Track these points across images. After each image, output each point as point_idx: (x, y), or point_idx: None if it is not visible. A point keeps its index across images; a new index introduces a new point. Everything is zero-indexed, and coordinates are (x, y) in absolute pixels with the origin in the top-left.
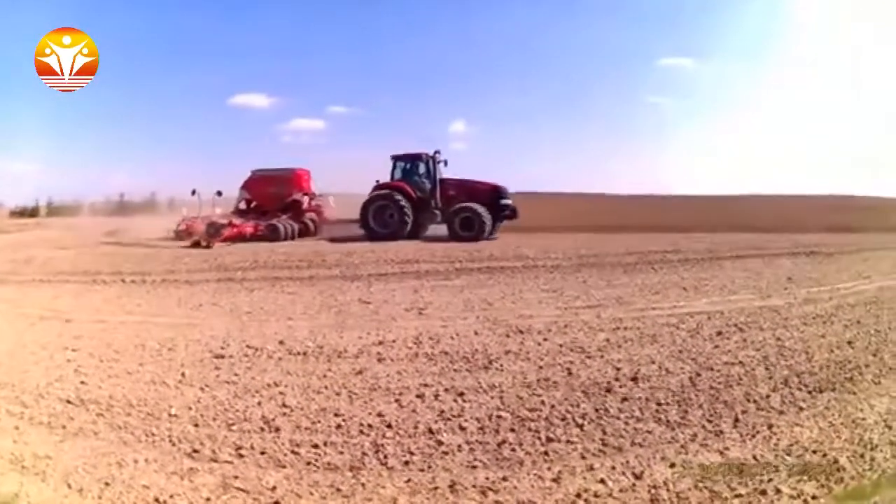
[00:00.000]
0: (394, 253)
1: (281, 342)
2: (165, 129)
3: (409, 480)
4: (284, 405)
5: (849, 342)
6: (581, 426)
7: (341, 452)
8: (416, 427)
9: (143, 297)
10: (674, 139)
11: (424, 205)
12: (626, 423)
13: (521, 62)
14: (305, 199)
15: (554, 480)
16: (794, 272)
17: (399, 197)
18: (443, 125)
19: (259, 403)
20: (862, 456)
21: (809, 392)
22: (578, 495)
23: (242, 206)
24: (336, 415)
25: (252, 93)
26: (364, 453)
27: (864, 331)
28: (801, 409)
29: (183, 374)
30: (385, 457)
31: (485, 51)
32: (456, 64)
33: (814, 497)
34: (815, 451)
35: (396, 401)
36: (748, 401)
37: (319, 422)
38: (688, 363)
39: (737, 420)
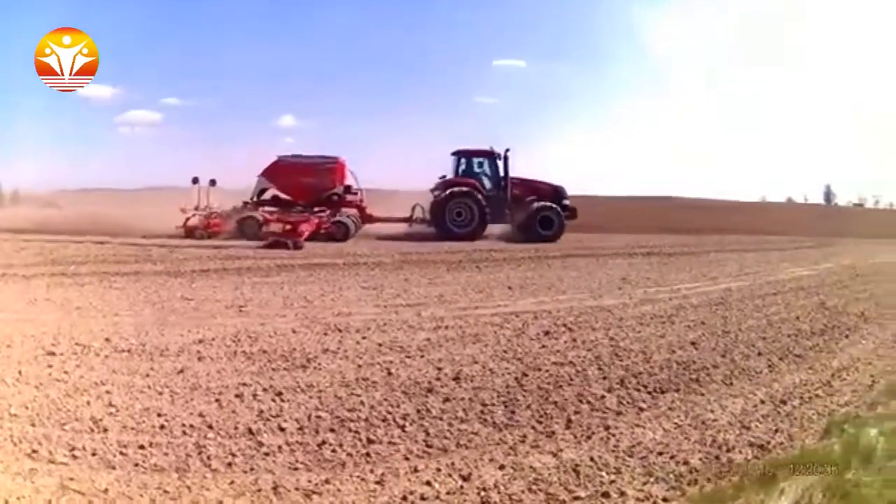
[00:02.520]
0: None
1: (107, 339)
2: (12, 119)
3: (232, 482)
4: (111, 404)
5: (692, 343)
6: (403, 427)
7: (166, 454)
8: (236, 428)
9: None
10: (504, 139)
11: (493, 203)
12: (450, 424)
13: (355, 59)
14: (359, 194)
15: (378, 483)
16: (629, 272)
17: (479, 195)
18: (272, 119)
19: (88, 403)
20: (717, 458)
21: (649, 393)
22: (404, 498)
23: (263, 197)
24: (159, 415)
25: (96, 83)
26: (188, 454)
27: (710, 332)
28: (642, 409)
29: (20, 372)
30: (209, 458)
31: (321, 46)
32: (290, 58)
33: (665, 500)
34: (660, 453)
35: (217, 401)
36: (581, 401)
37: (144, 422)
38: (513, 363)
39: (569, 421)
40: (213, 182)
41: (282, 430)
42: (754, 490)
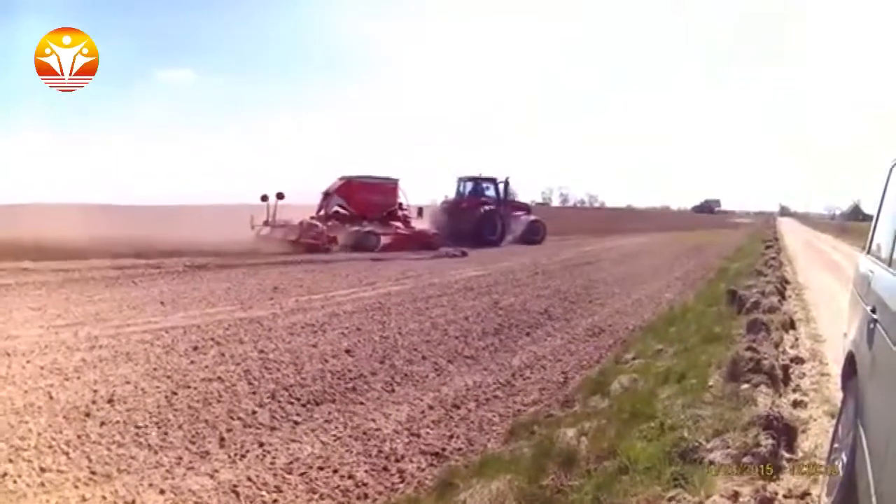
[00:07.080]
0: None
1: None
2: None
3: None
4: None
5: (347, 351)
6: (67, 454)
7: None
8: None
9: None
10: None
11: None
12: (109, 449)
13: None
14: (414, 210)
15: None
16: (281, 281)
17: (502, 210)
18: None
19: None
20: (386, 469)
21: (303, 405)
22: None
23: (332, 212)
24: None
25: None
26: None
27: (367, 338)
28: (297, 423)
29: None
30: None
31: None
32: None
33: None
34: (321, 468)
35: None
36: (232, 418)
37: None
38: (163, 381)
39: (222, 439)
40: (281, 195)
41: None
42: (431, 501)
